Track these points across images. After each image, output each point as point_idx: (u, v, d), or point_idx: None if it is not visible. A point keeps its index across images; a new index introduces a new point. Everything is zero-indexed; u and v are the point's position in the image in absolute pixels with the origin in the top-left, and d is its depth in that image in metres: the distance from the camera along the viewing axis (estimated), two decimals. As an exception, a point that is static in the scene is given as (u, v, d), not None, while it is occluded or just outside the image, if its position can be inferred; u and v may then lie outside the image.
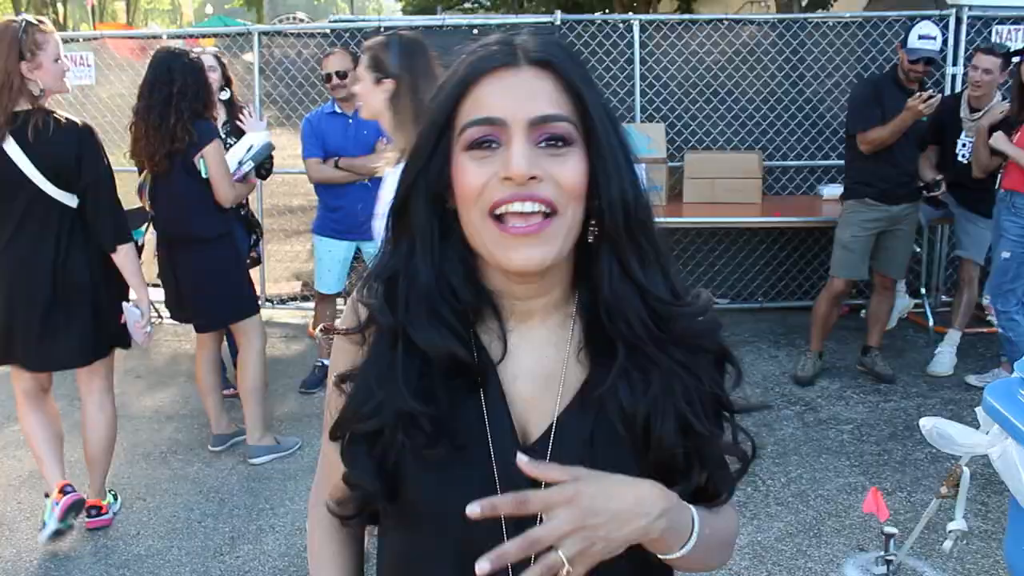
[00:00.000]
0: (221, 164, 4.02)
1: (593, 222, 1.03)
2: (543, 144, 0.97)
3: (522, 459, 0.93)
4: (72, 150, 3.30)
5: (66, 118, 3.34)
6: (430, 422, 1.01)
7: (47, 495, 3.66)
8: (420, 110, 2.88)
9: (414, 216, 1.03)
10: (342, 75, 4.71)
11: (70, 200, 3.36)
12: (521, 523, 1.02)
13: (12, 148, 3.24)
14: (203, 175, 3.99)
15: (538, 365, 1.08)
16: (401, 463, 1.04)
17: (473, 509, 0.91)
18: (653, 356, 1.03)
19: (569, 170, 0.97)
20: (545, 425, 1.06)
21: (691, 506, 1.02)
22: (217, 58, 4.88)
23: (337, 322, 1.15)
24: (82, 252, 3.40)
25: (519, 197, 0.95)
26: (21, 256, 3.36)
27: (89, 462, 3.73)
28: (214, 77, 4.61)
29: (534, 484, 1.02)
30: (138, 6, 48.47)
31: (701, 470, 1.05)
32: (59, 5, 41.10)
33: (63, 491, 3.59)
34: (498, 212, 0.97)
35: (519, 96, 0.97)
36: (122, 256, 3.47)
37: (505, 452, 1.03)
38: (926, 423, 2.33)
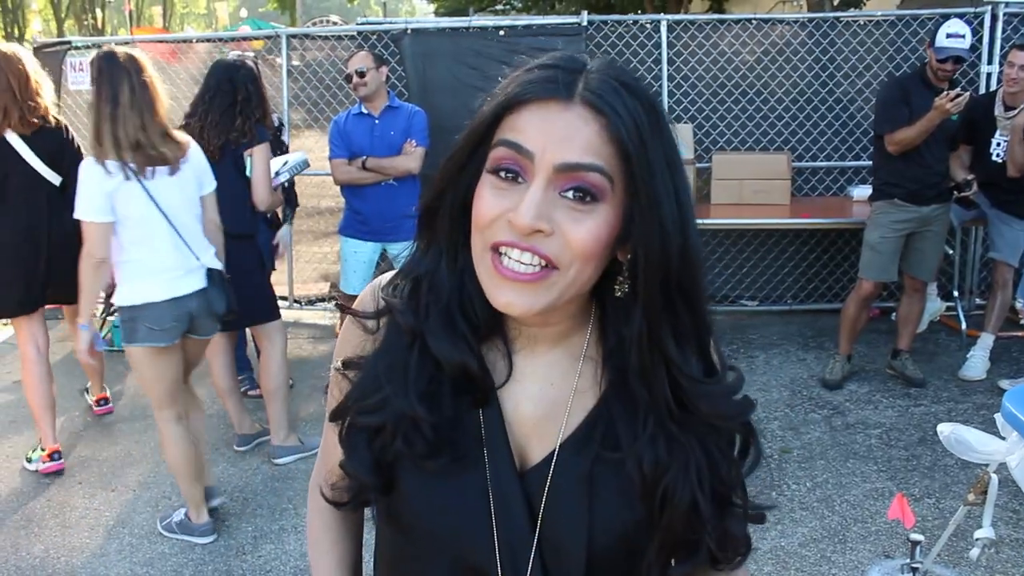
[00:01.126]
0: (266, 166, 4.10)
1: (623, 277, 0.97)
2: (568, 194, 0.90)
3: None
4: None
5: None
6: (432, 430, 0.99)
7: (39, 447, 4.29)
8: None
9: (440, 223, 1.01)
10: (361, 73, 4.74)
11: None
12: (513, 546, 1.02)
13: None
14: (247, 173, 4.06)
15: (544, 391, 1.05)
16: (397, 464, 1.03)
17: None
18: (673, 431, 0.99)
19: (584, 231, 0.90)
20: (547, 450, 1.04)
21: None
22: (256, 63, 4.93)
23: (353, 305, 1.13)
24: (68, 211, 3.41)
25: (519, 246, 0.90)
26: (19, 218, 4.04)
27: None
28: None
29: (530, 509, 1.02)
30: (174, 11, 49.13)
31: (700, 553, 1.02)
32: (98, 11, 41.77)
33: (52, 456, 4.23)
34: (500, 251, 0.93)
35: (556, 134, 0.89)
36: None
37: (501, 475, 1.02)
38: (944, 429, 2.29)
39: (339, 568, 1.24)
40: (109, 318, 6.23)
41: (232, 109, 3.99)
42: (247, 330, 4.87)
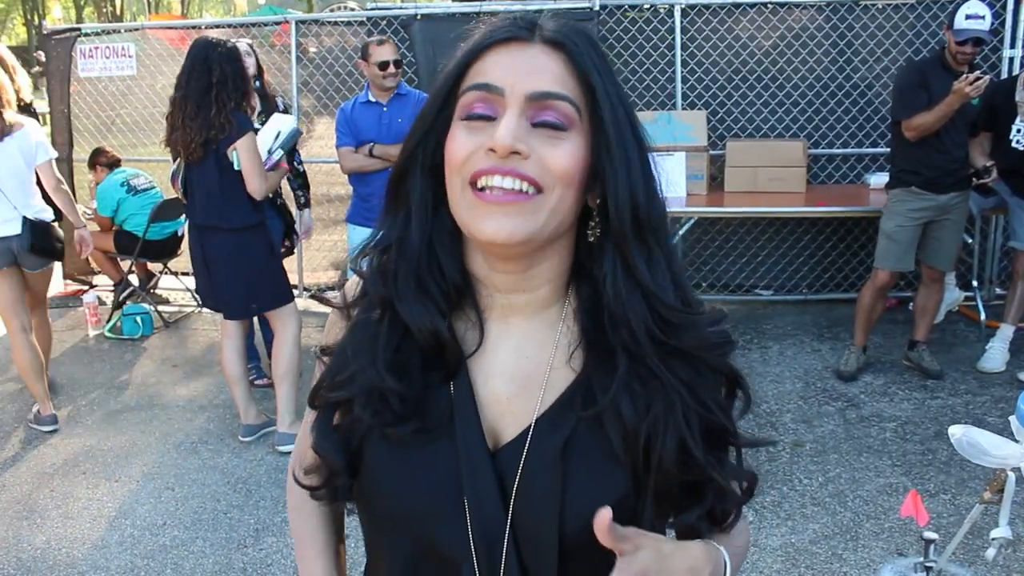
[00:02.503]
0: (254, 156, 4.01)
1: (594, 222, 0.97)
2: (539, 124, 0.92)
3: (603, 516, 0.86)
4: None
5: None
6: (400, 401, 0.97)
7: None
8: None
9: (411, 186, 0.99)
10: (397, 63, 4.71)
11: None
12: (486, 530, 0.97)
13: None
14: (235, 167, 3.98)
15: (518, 364, 1.01)
16: (365, 443, 1.00)
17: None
18: (655, 369, 0.95)
19: (560, 153, 0.92)
20: (521, 427, 0.99)
21: (722, 550, 0.99)
22: (251, 47, 4.87)
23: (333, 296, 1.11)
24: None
25: (500, 171, 0.90)
26: None
27: None
28: (249, 63, 4.59)
29: (501, 489, 0.97)
30: (192, -3, 49.16)
31: (704, 498, 0.98)
32: (116, -3, 41.91)
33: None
34: (479, 184, 0.91)
35: (522, 69, 0.92)
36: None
37: (472, 455, 0.97)
38: (956, 431, 2.20)
39: (320, 559, 1.22)
40: (116, 311, 6.23)
41: (208, 95, 3.86)
42: (255, 319, 4.83)
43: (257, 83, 4.76)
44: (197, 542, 3.58)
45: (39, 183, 4.54)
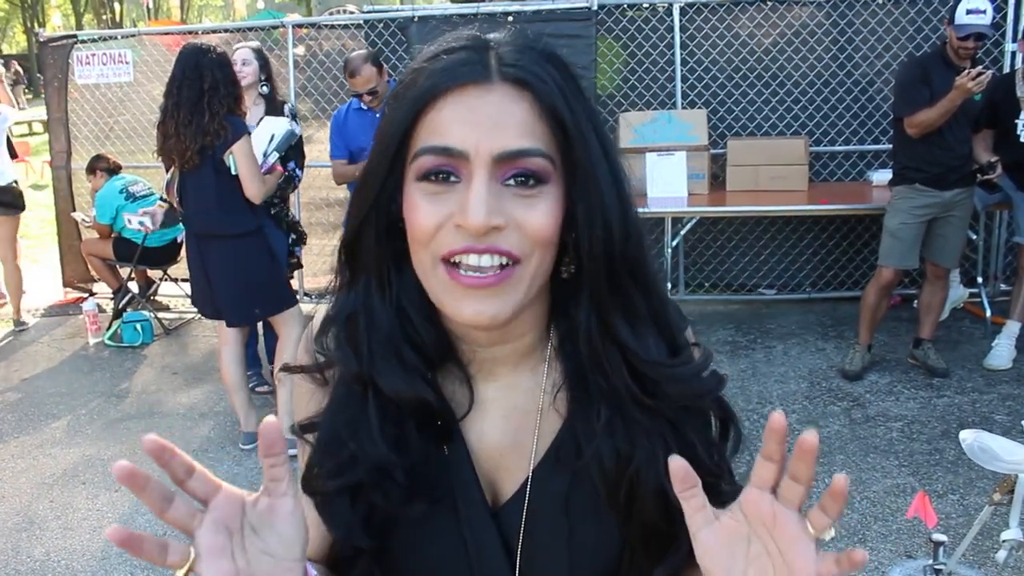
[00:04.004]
0: (251, 161, 3.97)
1: (568, 258, 0.89)
2: (511, 182, 0.82)
3: (679, 462, 0.76)
4: None
5: None
6: (405, 475, 0.89)
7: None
8: None
9: (366, 252, 0.90)
10: (372, 92, 4.66)
11: None
12: None
13: None
14: (232, 172, 3.94)
15: (508, 417, 0.96)
16: (386, 522, 0.92)
17: None
18: (638, 417, 0.90)
19: (538, 216, 0.82)
20: (519, 481, 0.95)
21: None
22: (259, 52, 4.82)
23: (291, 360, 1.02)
24: None
25: (475, 250, 0.81)
26: None
27: None
28: (247, 71, 4.56)
29: (505, 546, 0.93)
30: (192, 3, 49.25)
31: (682, 547, 0.90)
32: (116, 4, 41.95)
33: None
34: (453, 260, 0.83)
35: (485, 123, 0.81)
36: None
37: (473, 518, 0.93)
38: (967, 436, 2.16)
39: None
40: (116, 319, 6.21)
41: (200, 102, 3.82)
42: (258, 326, 4.80)
43: (265, 88, 4.73)
44: (198, 552, 3.54)
45: None
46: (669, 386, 0.90)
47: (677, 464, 0.75)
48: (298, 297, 6.45)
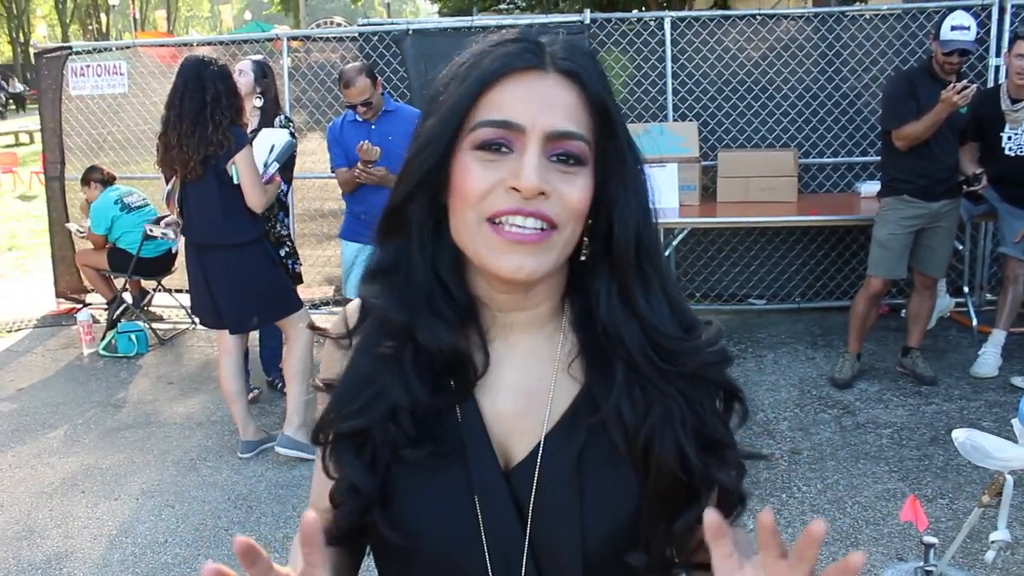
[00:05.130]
0: (253, 170, 4.03)
1: (586, 240, 0.98)
2: (554, 159, 0.92)
3: (714, 518, 0.83)
4: None
5: None
6: (413, 423, 0.96)
7: None
8: None
9: (414, 213, 0.98)
10: (367, 104, 4.68)
11: None
12: (505, 553, 0.98)
13: None
14: (235, 181, 4.00)
15: (522, 381, 1.02)
16: (389, 472, 0.99)
17: None
18: (653, 380, 0.97)
19: (577, 190, 0.93)
20: (531, 445, 1.00)
21: None
22: (259, 65, 4.87)
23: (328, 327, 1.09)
24: None
25: (523, 212, 0.91)
26: None
27: None
28: (242, 81, 4.60)
29: (517, 508, 0.98)
30: (179, 14, 49.22)
31: (700, 502, 0.98)
32: (102, 15, 41.90)
33: None
34: (498, 220, 0.92)
35: (541, 104, 0.92)
36: None
37: (486, 477, 0.98)
38: (959, 435, 2.23)
39: None
40: (110, 329, 6.23)
41: (203, 113, 3.88)
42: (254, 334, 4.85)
43: (259, 100, 4.78)
44: (199, 559, 3.57)
45: None
46: (684, 358, 0.97)
47: (711, 517, 0.83)
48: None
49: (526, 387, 1.02)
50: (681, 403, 0.97)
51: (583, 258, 0.98)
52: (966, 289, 5.95)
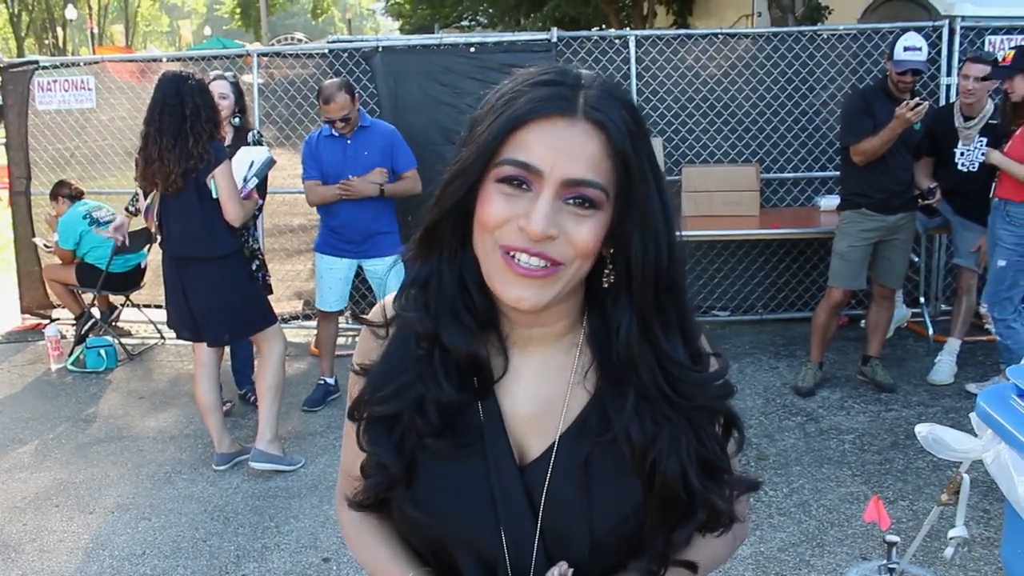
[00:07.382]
0: (231, 184, 4.09)
1: (608, 269, 1.05)
2: (570, 202, 0.98)
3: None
4: None
5: None
6: (439, 415, 1.06)
7: None
8: None
9: (444, 232, 1.06)
10: (345, 120, 4.76)
11: None
12: (517, 537, 1.08)
13: None
14: (213, 195, 4.05)
15: (539, 387, 1.12)
16: (416, 453, 1.09)
17: None
18: (662, 408, 1.06)
19: (585, 232, 0.99)
20: (545, 446, 1.10)
21: None
22: (235, 85, 4.94)
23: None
24: None
25: (529, 251, 0.98)
26: None
27: None
28: (224, 104, 4.67)
29: (530, 500, 1.08)
30: (137, 29, 48.74)
31: (696, 516, 1.08)
32: (59, 29, 41.36)
33: None
34: (510, 252, 1.00)
35: (562, 151, 0.97)
36: None
37: (502, 469, 1.09)
38: (922, 429, 2.36)
39: (392, 547, 1.19)
40: (79, 344, 6.20)
41: (183, 127, 3.93)
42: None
43: (237, 120, 4.85)
44: (178, 570, 3.59)
45: None
46: (691, 387, 1.06)
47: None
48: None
49: (543, 393, 1.11)
50: (687, 430, 1.06)
51: (605, 285, 1.06)
52: (922, 300, 6.14)
